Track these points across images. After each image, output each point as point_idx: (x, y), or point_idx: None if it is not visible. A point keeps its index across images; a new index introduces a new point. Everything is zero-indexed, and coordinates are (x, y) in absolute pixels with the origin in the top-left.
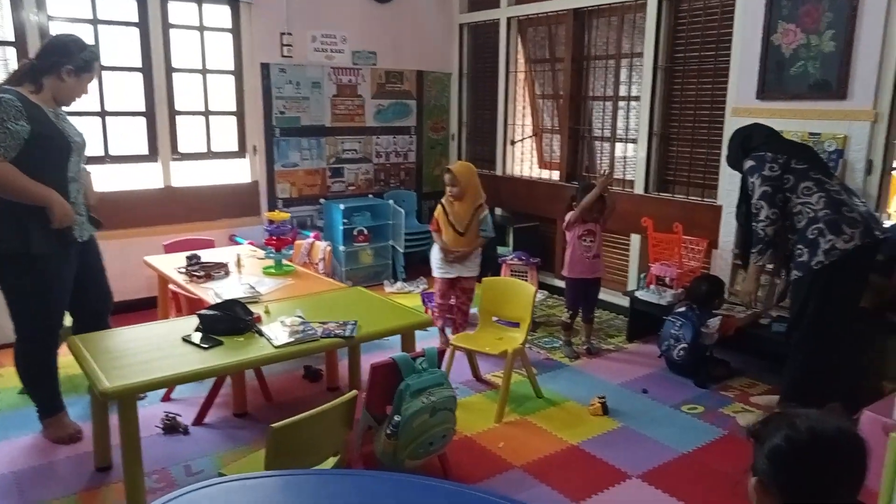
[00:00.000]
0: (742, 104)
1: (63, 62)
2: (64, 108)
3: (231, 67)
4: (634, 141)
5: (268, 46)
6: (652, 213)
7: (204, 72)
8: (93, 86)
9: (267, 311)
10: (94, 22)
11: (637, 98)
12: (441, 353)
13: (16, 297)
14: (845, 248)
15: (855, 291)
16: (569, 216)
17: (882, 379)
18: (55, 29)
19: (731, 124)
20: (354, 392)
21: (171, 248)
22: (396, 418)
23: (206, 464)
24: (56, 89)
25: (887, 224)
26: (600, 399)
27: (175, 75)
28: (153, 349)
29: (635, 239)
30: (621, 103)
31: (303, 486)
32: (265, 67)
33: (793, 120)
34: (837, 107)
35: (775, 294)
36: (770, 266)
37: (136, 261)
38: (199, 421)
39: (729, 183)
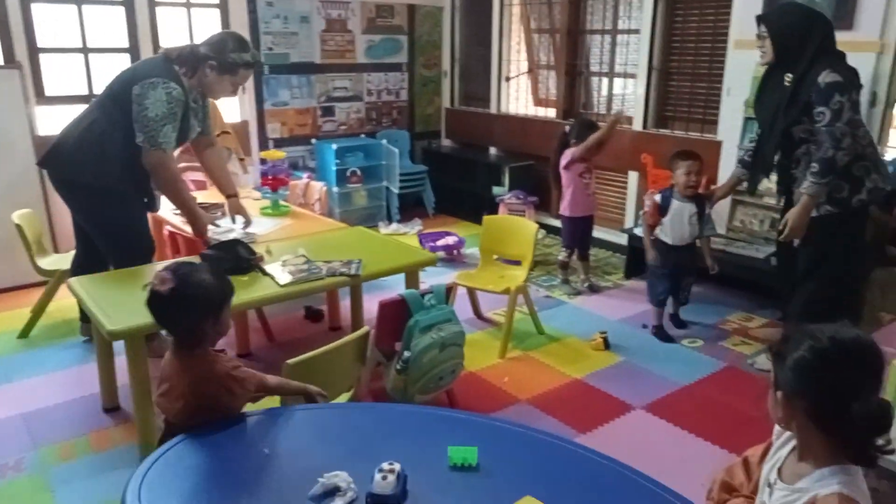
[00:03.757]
0: (746, 36)
1: (211, 56)
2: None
3: (216, 0)
4: (633, 76)
5: None
6: (650, 149)
7: (188, 5)
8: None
9: (269, 251)
10: None
11: (637, 31)
12: (449, 289)
13: (114, 228)
14: (883, 188)
15: (867, 228)
16: (571, 154)
17: (880, 310)
18: None
19: (734, 58)
20: (366, 328)
21: None
22: (406, 354)
23: None
24: (202, 80)
25: (889, 157)
26: (602, 334)
27: (158, 9)
28: None
29: (633, 176)
30: (620, 37)
31: (322, 419)
32: (251, 1)
33: None
34: (843, 37)
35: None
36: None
37: None
38: None
39: (730, 118)
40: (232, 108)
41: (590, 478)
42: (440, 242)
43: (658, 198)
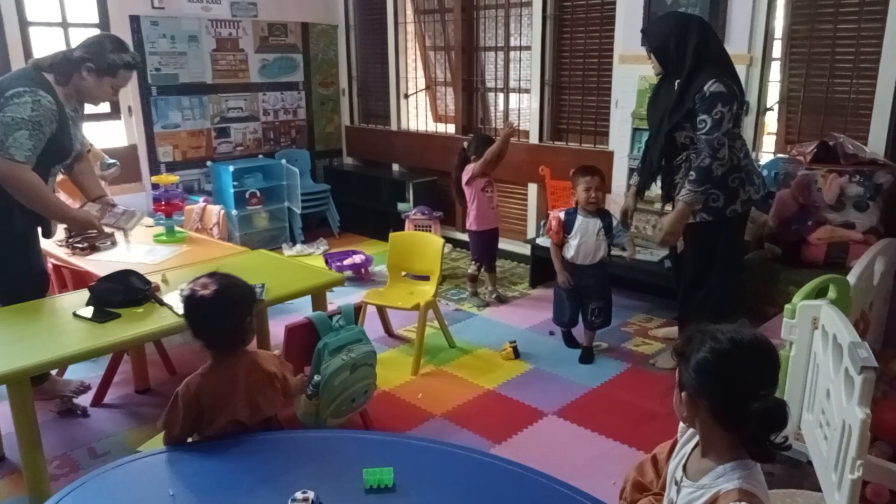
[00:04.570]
0: (629, 51)
1: (88, 58)
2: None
3: (95, 20)
4: (527, 91)
5: None
6: (548, 161)
7: (65, 25)
8: None
9: (165, 280)
10: None
11: (528, 48)
12: (357, 309)
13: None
14: (756, 198)
15: (744, 231)
16: (471, 170)
17: (765, 304)
18: None
19: (620, 72)
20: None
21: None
22: (316, 378)
23: (112, 444)
24: (78, 86)
25: (763, 161)
26: (511, 344)
27: (32, 29)
28: (41, 328)
29: (532, 188)
30: (513, 53)
31: (232, 452)
32: (135, 20)
33: None
34: None
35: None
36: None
37: None
38: (98, 401)
39: (619, 129)
40: (118, 132)
41: (505, 488)
42: (347, 262)
43: (562, 215)
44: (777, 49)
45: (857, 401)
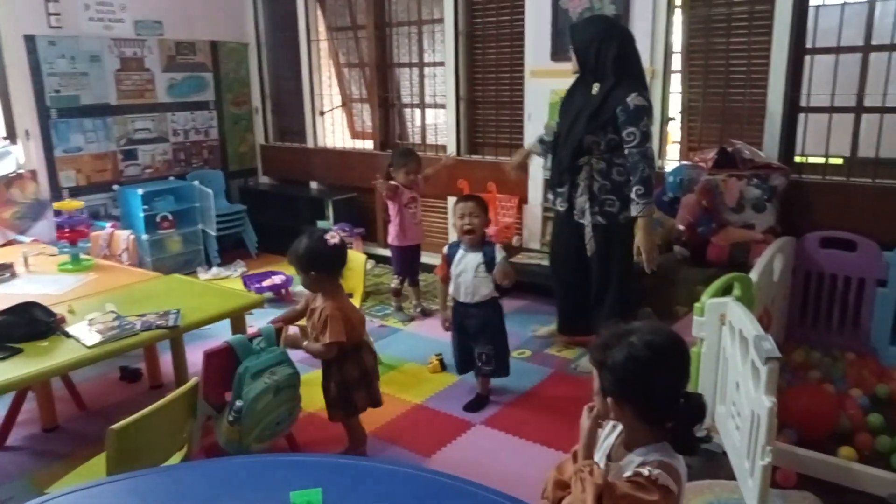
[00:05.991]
0: (538, 66)
1: None
2: None
3: None
4: (443, 106)
5: (31, 15)
6: (466, 175)
7: None
8: None
9: (71, 311)
10: None
11: (442, 64)
12: (279, 330)
13: None
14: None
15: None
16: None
17: (676, 304)
18: None
19: (531, 86)
20: (195, 380)
21: None
22: (238, 403)
23: (17, 488)
24: None
25: (669, 168)
26: (437, 357)
27: None
28: None
29: (451, 201)
30: (427, 69)
31: (150, 485)
32: (30, 40)
33: None
34: None
35: None
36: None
37: None
38: (0, 444)
39: (533, 142)
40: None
41: (438, 500)
42: (266, 283)
43: (445, 249)
44: (677, 62)
45: (763, 390)
